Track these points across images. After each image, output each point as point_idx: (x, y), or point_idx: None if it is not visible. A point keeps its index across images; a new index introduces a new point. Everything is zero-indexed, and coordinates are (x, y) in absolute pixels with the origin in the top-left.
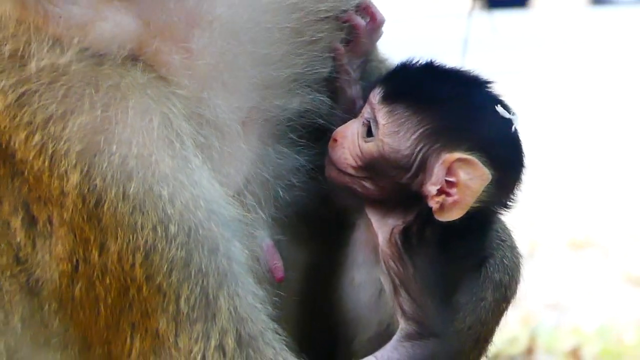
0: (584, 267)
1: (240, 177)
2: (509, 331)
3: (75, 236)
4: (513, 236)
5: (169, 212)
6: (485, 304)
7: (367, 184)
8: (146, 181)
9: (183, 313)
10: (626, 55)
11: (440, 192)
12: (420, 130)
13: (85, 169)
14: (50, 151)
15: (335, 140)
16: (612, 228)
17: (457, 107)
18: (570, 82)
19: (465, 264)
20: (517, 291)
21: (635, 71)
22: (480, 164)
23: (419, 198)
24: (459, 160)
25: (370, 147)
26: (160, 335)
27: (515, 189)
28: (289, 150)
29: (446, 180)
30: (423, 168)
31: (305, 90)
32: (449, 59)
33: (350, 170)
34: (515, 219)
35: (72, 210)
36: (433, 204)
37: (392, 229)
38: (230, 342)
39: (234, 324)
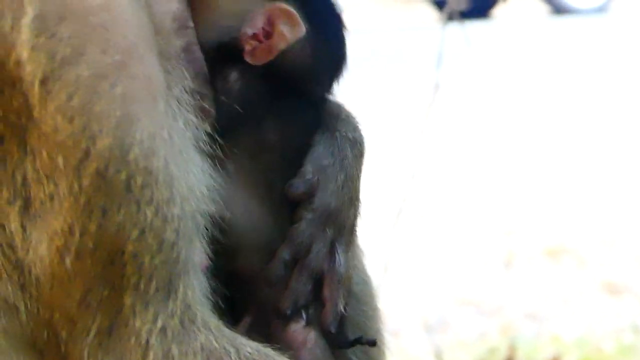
0: (562, 275)
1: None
2: (489, 341)
3: (80, 206)
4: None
5: (175, 195)
6: (348, 161)
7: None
8: (166, 160)
9: (149, 294)
10: (588, 63)
11: (255, 38)
12: None
13: (119, 137)
14: (85, 116)
15: None
16: (588, 235)
17: None
18: (538, 91)
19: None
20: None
21: (596, 78)
22: (298, 17)
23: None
24: (280, 10)
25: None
26: (123, 313)
27: (333, 66)
28: None
29: (263, 29)
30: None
31: None
32: (423, 71)
33: None
34: (491, 229)
35: (89, 179)
36: (246, 45)
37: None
38: (173, 325)
39: (182, 310)
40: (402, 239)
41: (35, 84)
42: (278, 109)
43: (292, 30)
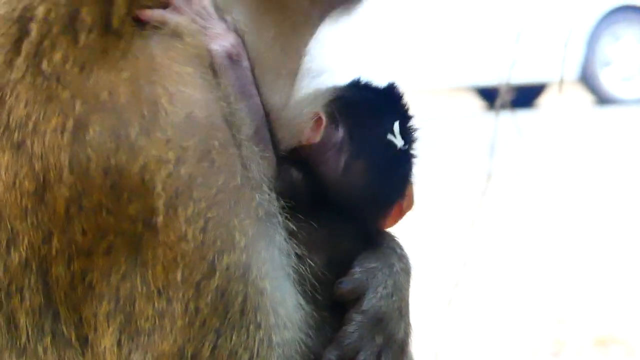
0: None
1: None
2: None
3: (195, 328)
4: None
5: (279, 321)
6: (396, 270)
7: None
8: (272, 285)
9: None
10: (631, 153)
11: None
12: None
13: (248, 254)
14: (221, 228)
15: None
16: (638, 325)
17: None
18: (587, 180)
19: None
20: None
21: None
22: (320, 128)
23: None
24: (316, 115)
25: None
26: None
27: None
28: None
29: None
30: None
31: None
32: (470, 158)
33: None
34: (541, 318)
35: (209, 297)
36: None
37: None
38: None
39: None
40: (453, 326)
41: (171, 188)
42: (329, 209)
43: (308, 135)
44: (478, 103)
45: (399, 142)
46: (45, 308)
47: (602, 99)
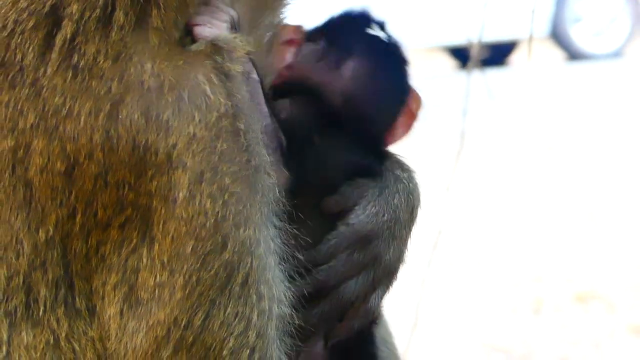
0: (591, 321)
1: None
2: None
3: (192, 299)
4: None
5: (275, 294)
6: (390, 190)
7: None
8: (270, 264)
9: None
10: (605, 107)
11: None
12: None
13: (250, 235)
14: (230, 207)
15: None
16: (617, 280)
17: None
18: (560, 137)
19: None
20: (418, 202)
21: (614, 122)
22: (294, 36)
23: None
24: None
25: None
26: None
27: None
28: None
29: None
30: None
31: None
32: (443, 118)
33: None
34: (519, 276)
35: (213, 271)
36: None
37: None
38: None
39: None
40: (432, 287)
41: (199, 164)
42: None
43: (283, 58)
44: (450, 63)
45: (382, 34)
46: (62, 281)
47: (574, 55)
